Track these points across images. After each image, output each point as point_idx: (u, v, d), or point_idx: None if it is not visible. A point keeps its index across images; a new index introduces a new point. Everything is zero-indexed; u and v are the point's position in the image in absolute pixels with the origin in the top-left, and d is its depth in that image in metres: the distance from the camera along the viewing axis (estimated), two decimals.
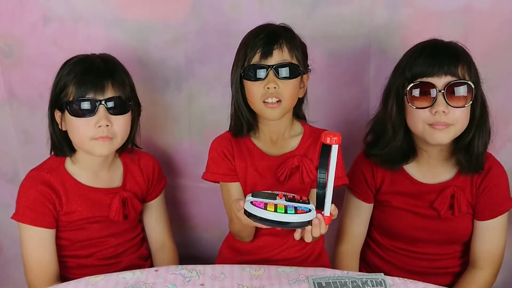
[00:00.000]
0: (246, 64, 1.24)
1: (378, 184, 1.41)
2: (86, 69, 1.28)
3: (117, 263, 1.41)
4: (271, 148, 1.33)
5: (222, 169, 1.33)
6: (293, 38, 1.26)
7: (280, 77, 1.23)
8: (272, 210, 1.04)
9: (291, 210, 1.05)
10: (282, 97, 1.23)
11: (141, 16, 1.49)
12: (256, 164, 1.33)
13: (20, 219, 1.32)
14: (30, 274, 1.34)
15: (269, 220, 1.04)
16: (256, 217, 1.05)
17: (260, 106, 1.25)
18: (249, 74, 1.24)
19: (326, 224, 1.09)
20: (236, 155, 1.33)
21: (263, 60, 1.22)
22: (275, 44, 1.22)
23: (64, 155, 1.36)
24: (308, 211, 1.06)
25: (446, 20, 1.47)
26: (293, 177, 1.31)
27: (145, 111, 1.43)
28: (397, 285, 1.16)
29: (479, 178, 1.36)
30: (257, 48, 1.22)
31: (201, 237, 1.73)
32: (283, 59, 1.23)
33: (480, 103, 1.29)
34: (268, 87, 1.22)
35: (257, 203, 1.06)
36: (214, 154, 1.35)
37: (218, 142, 1.36)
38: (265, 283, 1.18)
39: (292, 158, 1.30)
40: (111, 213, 1.36)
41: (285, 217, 1.04)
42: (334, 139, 1.04)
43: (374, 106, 1.42)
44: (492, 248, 1.38)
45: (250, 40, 1.25)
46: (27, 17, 1.49)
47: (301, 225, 1.06)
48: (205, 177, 1.36)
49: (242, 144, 1.34)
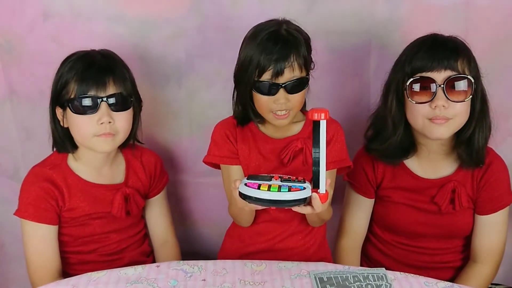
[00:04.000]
0: (256, 78, 1.22)
1: (379, 179, 1.41)
2: (87, 66, 1.28)
3: (120, 259, 1.41)
4: (275, 132, 1.34)
5: (223, 152, 1.33)
6: (301, 46, 1.22)
7: (290, 93, 1.23)
8: (265, 189, 1.05)
9: (285, 188, 1.05)
10: (291, 108, 1.24)
11: (141, 11, 1.49)
12: (260, 147, 1.33)
13: (23, 216, 1.32)
14: (32, 270, 1.35)
15: (263, 199, 1.05)
16: (251, 197, 1.06)
17: (269, 116, 1.26)
18: (259, 89, 1.23)
19: (322, 202, 1.09)
20: (239, 139, 1.33)
21: (274, 78, 1.21)
22: (286, 62, 1.20)
23: (66, 151, 1.36)
24: (302, 189, 1.06)
25: (447, 15, 1.47)
26: (297, 159, 1.31)
27: (146, 106, 1.43)
28: (398, 279, 1.17)
29: (479, 173, 1.36)
30: (268, 66, 1.20)
31: (202, 233, 1.73)
32: (293, 76, 1.22)
33: (480, 98, 1.29)
34: (278, 103, 1.22)
35: (251, 184, 1.07)
36: (217, 136, 1.34)
37: (221, 125, 1.36)
38: (266, 278, 1.18)
39: (296, 140, 1.31)
40: (114, 209, 1.36)
41: (279, 195, 1.04)
42: (322, 114, 1.04)
43: (375, 101, 1.42)
44: (493, 242, 1.39)
45: (262, 51, 1.20)
46: (27, 13, 1.48)
47: (296, 203, 1.06)
48: (206, 160, 1.35)
49: (246, 128, 1.34)
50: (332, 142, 1.31)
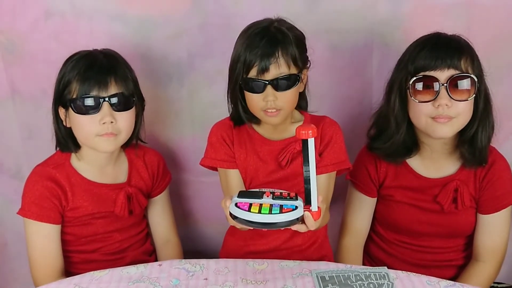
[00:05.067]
0: (244, 76, 1.22)
1: (382, 178, 1.41)
2: (88, 65, 1.28)
3: (122, 258, 1.41)
4: (272, 133, 1.32)
5: (220, 155, 1.32)
6: (289, 43, 1.21)
7: (278, 90, 1.21)
8: (256, 211, 1.01)
9: (276, 209, 1.02)
10: (281, 106, 1.23)
11: (142, 11, 1.48)
12: (257, 149, 1.32)
13: (26, 215, 1.32)
14: (35, 269, 1.35)
15: (254, 222, 1.02)
16: (241, 219, 1.03)
17: (260, 114, 1.25)
18: (247, 87, 1.23)
19: (315, 219, 1.06)
20: (235, 141, 1.32)
21: (260, 75, 1.20)
22: (271, 58, 1.19)
23: (69, 151, 1.36)
24: (294, 209, 1.03)
25: (449, 13, 1.47)
26: (295, 162, 1.30)
27: (147, 106, 1.42)
28: (401, 278, 1.17)
29: (482, 172, 1.35)
30: (253, 62, 1.19)
31: (204, 232, 1.73)
32: (280, 72, 1.20)
33: (483, 96, 1.29)
34: (267, 100, 1.21)
35: (242, 204, 1.04)
36: (213, 139, 1.34)
37: (218, 127, 1.35)
38: (268, 277, 1.18)
39: (294, 142, 1.29)
40: (116, 209, 1.36)
41: (270, 217, 1.01)
42: (309, 132, 1.02)
43: (377, 100, 1.42)
44: (495, 241, 1.38)
45: (247, 47, 1.21)
46: (28, 12, 1.48)
47: (288, 224, 1.03)
48: (203, 163, 1.35)
49: (243, 130, 1.33)
50: (330, 144, 1.29)
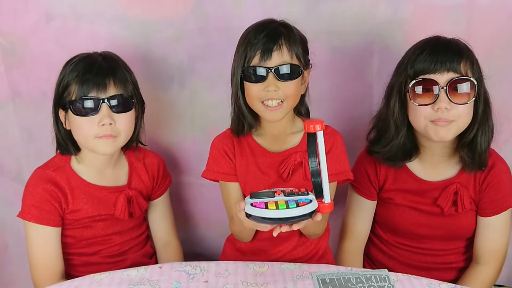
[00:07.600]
0: (246, 65, 1.22)
1: (381, 181, 1.41)
2: (87, 67, 1.28)
3: (122, 260, 1.41)
4: (273, 144, 1.33)
5: (222, 168, 1.33)
6: (293, 36, 1.23)
7: (281, 79, 1.21)
8: (273, 208, 1.03)
9: (293, 204, 1.03)
10: (283, 98, 1.22)
11: (143, 13, 1.49)
12: (258, 161, 1.32)
13: (26, 217, 1.32)
14: (35, 272, 1.35)
15: (273, 218, 1.02)
16: (259, 217, 1.03)
17: (260, 108, 1.25)
18: (249, 76, 1.23)
19: (329, 210, 1.07)
20: (237, 153, 1.33)
21: (262, 62, 1.21)
22: (275, 45, 1.20)
23: (69, 153, 1.36)
24: (309, 202, 1.04)
25: (449, 16, 1.47)
26: (296, 174, 1.30)
27: (148, 108, 1.43)
28: (401, 281, 1.17)
29: (482, 175, 1.35)
30: (256, 50, 1.21)
31: (204, 234, 1.73)
32: (283, 61, 1.21)
33: (483, 100, 1.29)
34: (268, 89, 1.21)
35: (258, 203, 1.04)
36: (215, 152, 1.34)
37: (219, 140, 1.35)
38: (269, 279, 1.18)
39: (295, 154, 1.30)
40: (117, 211, 1.36)
41: (288, 212, 1.02)
42: (318, 126, 1.02)
43: (377, 103, 1.42)
44: (496, 244, 1.38)
45: (250, 39, 1.23)
46: (29, 15, 1.49)
47: (306, 217, 1.04)
48: (205, 175, 1.35)
49: (244, 141, 1.34)
50: (330, 154, 1.28)
